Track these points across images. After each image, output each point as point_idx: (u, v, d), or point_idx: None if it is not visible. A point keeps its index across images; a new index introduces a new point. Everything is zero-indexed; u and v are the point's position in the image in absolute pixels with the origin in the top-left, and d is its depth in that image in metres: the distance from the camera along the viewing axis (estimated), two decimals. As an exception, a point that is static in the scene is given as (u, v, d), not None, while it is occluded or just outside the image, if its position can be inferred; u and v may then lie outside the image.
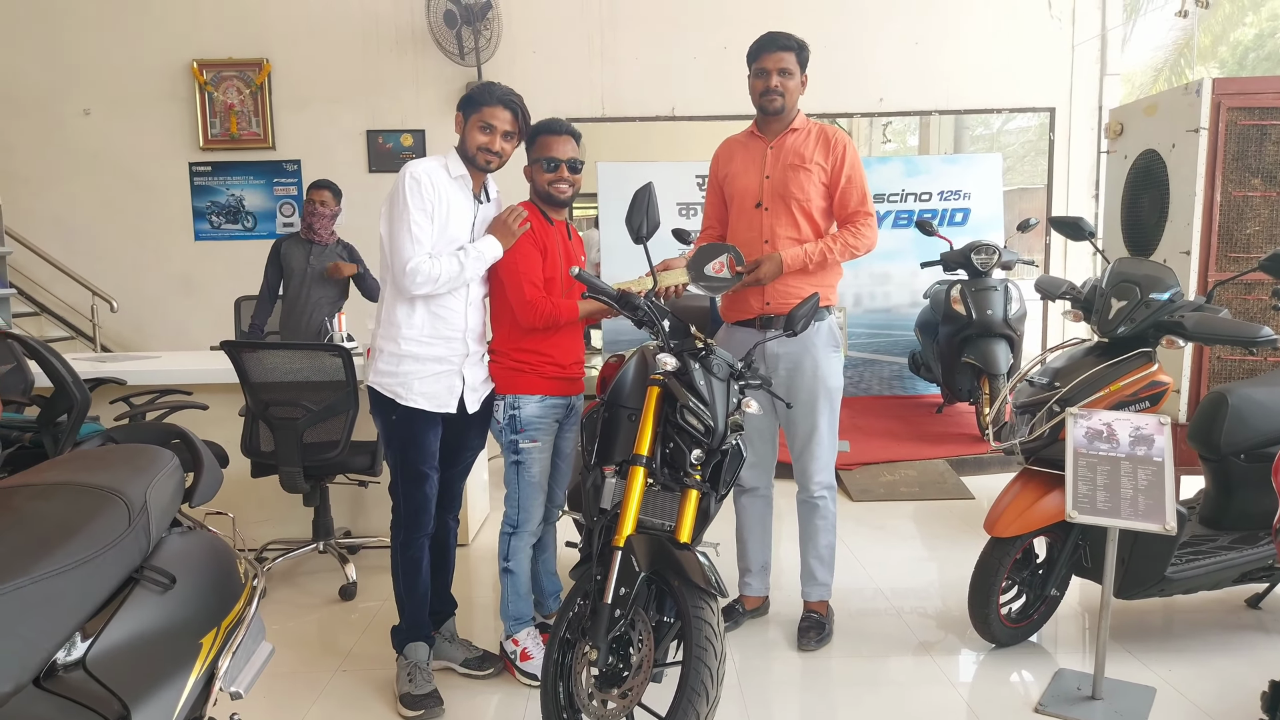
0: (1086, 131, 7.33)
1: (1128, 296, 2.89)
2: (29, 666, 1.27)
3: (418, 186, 2.63)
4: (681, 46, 7.11)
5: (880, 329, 7.03)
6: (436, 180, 2.68)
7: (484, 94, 2.74)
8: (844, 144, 3.03)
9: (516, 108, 2.77)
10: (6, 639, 1.23)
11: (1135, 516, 2.52)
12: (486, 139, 2.72)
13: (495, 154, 2.75)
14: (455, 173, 2.75)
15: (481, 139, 2.72)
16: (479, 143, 2.72)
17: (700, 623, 2.15)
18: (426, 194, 2.64)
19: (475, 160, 2.75)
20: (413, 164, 2.68)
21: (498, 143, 2.74)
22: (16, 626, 1.25)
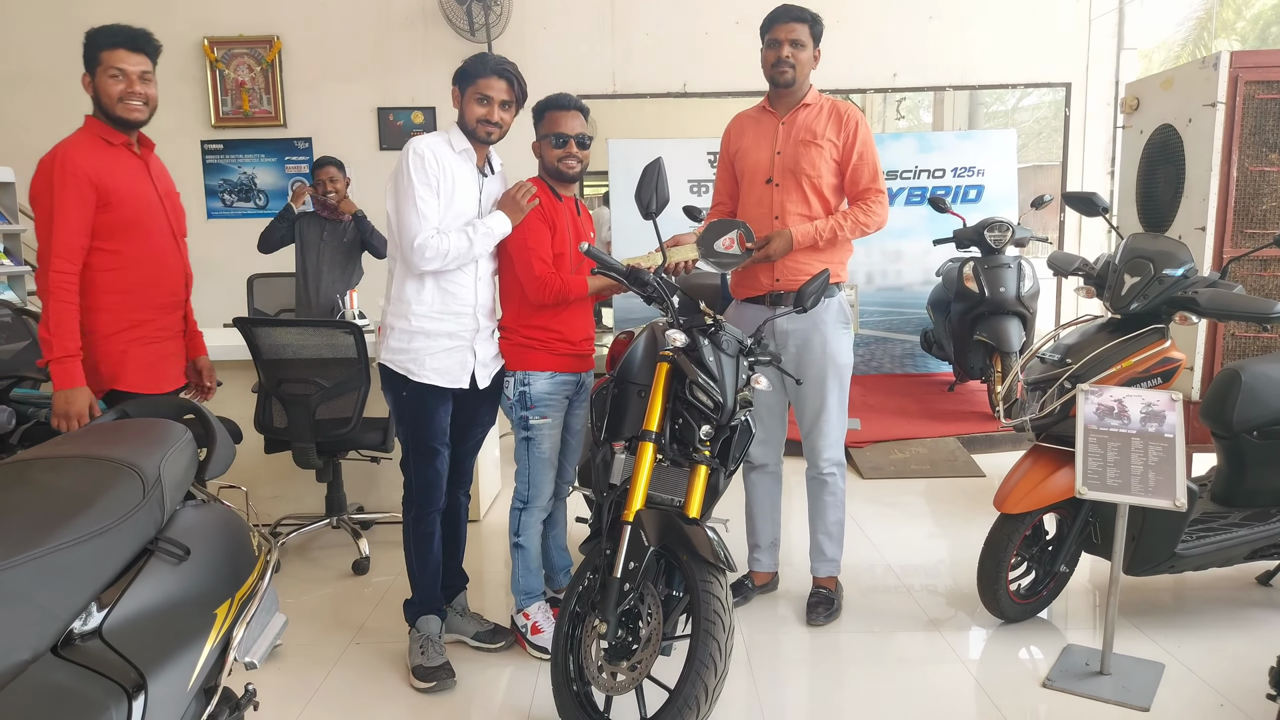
0: (1103, 107, 7.25)
1: (1141, 272, 2.87)
2: (46, 635, 1.29)
3: (421, 162, 2.63)
4: (693, 22, 7.06)
5: (892, 306, 7.00)
6: (440, 155, 2.68)
7: (478, 66, 2.72)
8: (856, 120, 3.01)
9: (512, 76, 2.75)
10: (24, 608, 1.25)
11: (1145, 493, 2.51)
12: (484, 110, 2.71)
13: (495, 125, 2.74)
14: (459, 147, 2.75)
15: (479, 111, 2.71)
16: (477, 115, 2.71)
17: (708, 596, 2.17)
18: (430, 169, 2.64)
19: (475, 133, 2.74)
20: (415, 140, 2.69)
21: (496, 113, 2.72)
22: (34, 595, 1.27)
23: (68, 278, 2.56)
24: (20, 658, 1.24)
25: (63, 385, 2.56)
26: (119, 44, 2.68)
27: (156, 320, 2.79)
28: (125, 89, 2.66)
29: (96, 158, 2.66)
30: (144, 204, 2.74)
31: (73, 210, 2.58)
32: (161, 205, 2.80)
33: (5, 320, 3.87)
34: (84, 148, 2.67)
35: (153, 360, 2.78)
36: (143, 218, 2.73)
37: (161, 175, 2.88)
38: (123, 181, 2.69)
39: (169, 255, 2.82)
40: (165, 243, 2.81)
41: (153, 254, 2.76)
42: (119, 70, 2.66)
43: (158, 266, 2.78)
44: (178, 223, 2.89)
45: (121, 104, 2.67)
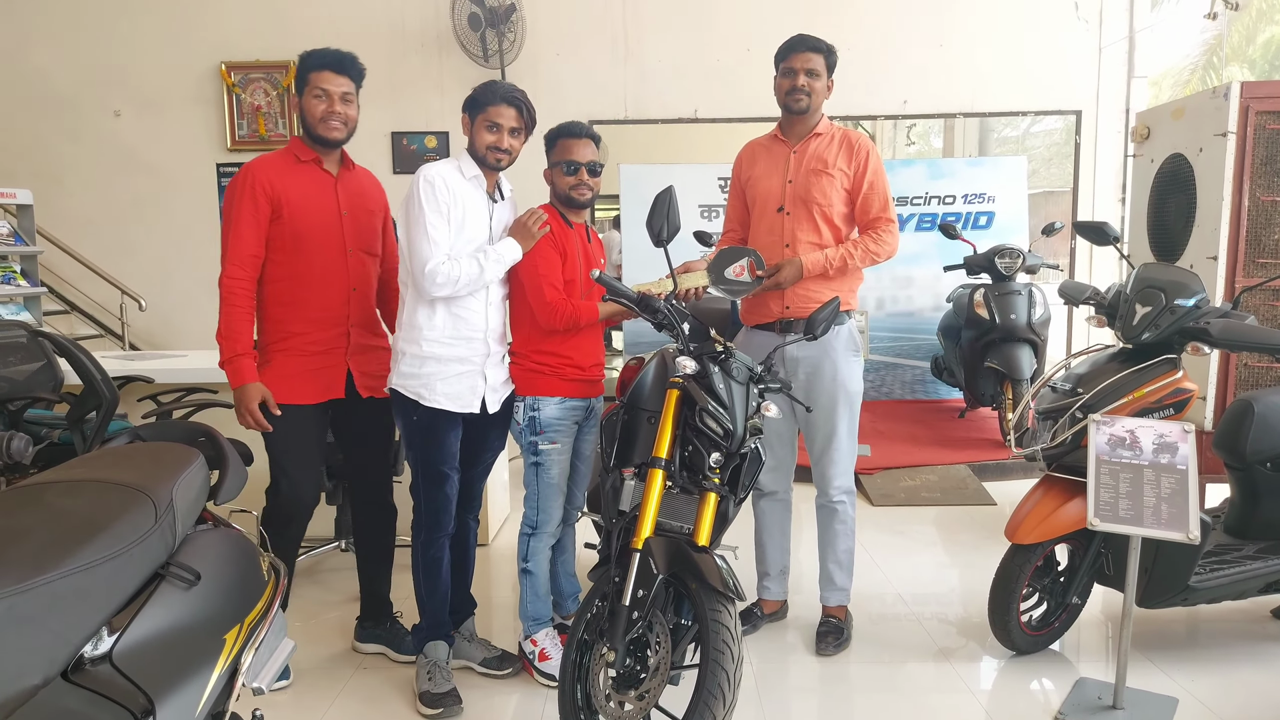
0: (1113, 135, 7.27)
1: (1152, 302, 2.86)
2: (57, 660, 1.30)
3: (432, 189, 2.66)
4: (704, 49, 7.12)
5: (902, 332, 6.99)
6: (451, 182, 2.70)
7: (488, 94, 2.76)
8: (867, 150, 3.03)
9: (521, 104, 2.79)
10: (36, 632, 1.25)
11: (1158, 525, 2.49)
12: (494, 138, 2.75)
13: (504, 151, 2.77)
14: (469, 174, 2.78)
15: (489, 138, 2.75)
16: (487, 142, 2.75)
17: (718, 626, 2.16)
18: (441, 196, 2.67)
19: (485, 160, 2.77)
20: (426, 167, 2.72)
21: (506, 140, 2.76)
22: (45, 620, 1.27)
23: (238, 283, 2.75)
24: (31, 682, 1.24)
25: (234, 384, 2.78)
26: (326, 66, 2.82)
27: (309, 334, 2.85)
28: (326, 109, 2.80)
29: (279, 172, 2.81)
30: (316, 220, 2.83)
31: (246, 220, 2.75)
32: (339, 222, 2.86)
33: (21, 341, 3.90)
34: (269, 162, 2.83)
35: (294, 373, 2.84)
36: (312, 233, 2.82)
37: (355, 194, 2.94)
38: (299, 197, 2.81)
39: (333, 272, 2.86)
40: (332, 259, 2.85)
41: (315, 269, 2.83)
42: (323, 90, 2.80)
43: (318, 282, 2.84)
44: (360, 240, 2.93)
45: (322, 123, 2.81)
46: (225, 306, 2.76)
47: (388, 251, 3.08)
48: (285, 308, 2.84)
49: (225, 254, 2.77)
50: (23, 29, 7.11)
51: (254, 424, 2.78)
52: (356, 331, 2.94)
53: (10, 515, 1.40)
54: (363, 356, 2.96)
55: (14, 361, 3.82)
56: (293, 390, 2.84)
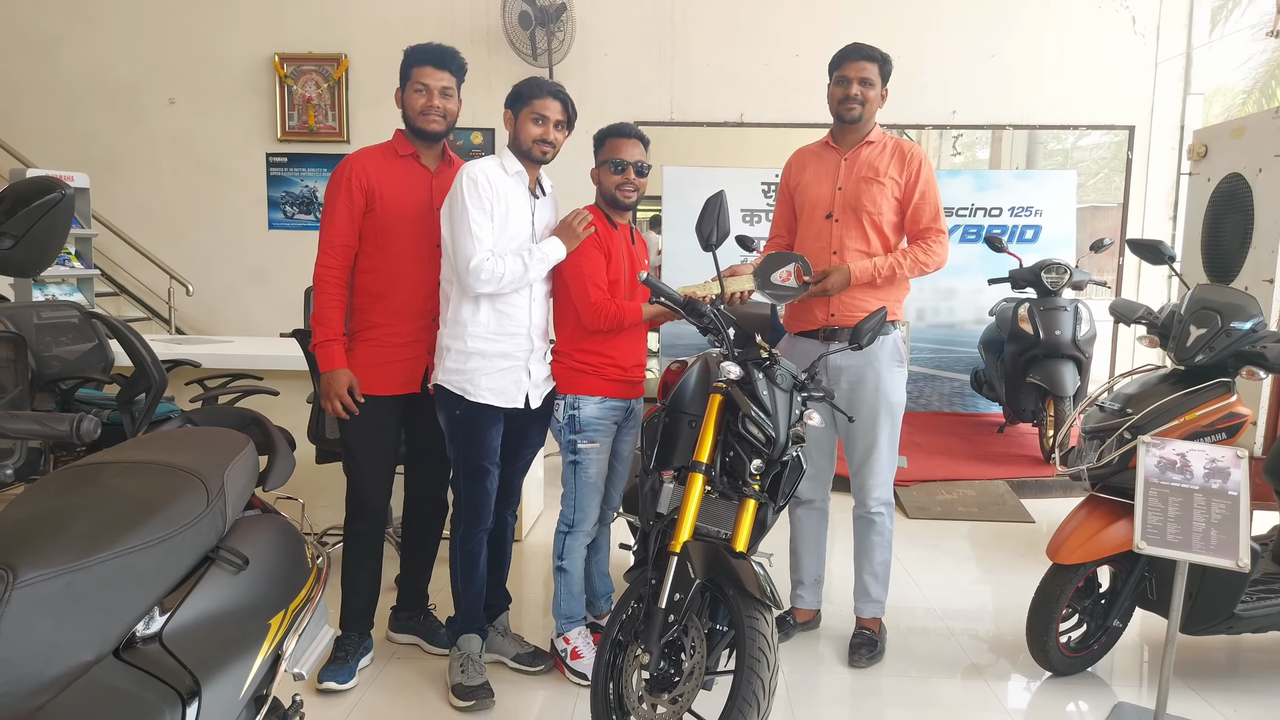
0: (1166, 151, 7.14)
1: (1207, 324, 2.81)
2: (110, 637, 1.32)
3: (475, 186, 2.67)
4: (753, 53, 7.10)
5: (943, 344, 6.92)
6: (494, 179, 2.72)
7: (533, 88, 2.81)
8: (920, 159, 3.00)
9: (565, 98, 2.83)
10: (91, 610, 1.28)
11: (1207, 551, 2.44)
12: (540, 130, 2.77)
13: (550, 144, 2.80)
14: (511, 170, 2.80)
15: (536, 131, 2.77)
16: (534, 135, 2.77)
17: (754, 634, 2.15)
18: (485, 193, 2.68)
19: (531, 153, 2.78)
20: (469, 165, 2.74)
21: (551, 133, 2.79)
22: (101, 598, 1.29)
23: (328, 270, 2.82)
24: (85, 658, 1.27)
25: (323, 368, 2.83)
26: (427, 61, 2.84)
27: (391, 325, 2.88)
28: (426, 103, 2.82)
29: (376, 165, 2.86)
30: (408, 214, 2.86)
31: (340, 210, 2.81)
32: (431, 217, 2.86)
33: (73, 322, 4.00)
34: (368, 155, 2.89)
35: (375, 363, 2.87)
36: (402, 226, 2.85)
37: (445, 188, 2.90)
38: (393, 190, 2.84)
39: (419, 266, 2.87)
40: (420, 253, 2.87)
41: (401, 262, 2.86)
42: (423, 85, 2.82)
43: (404, 275, 2.87)
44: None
45: (422, 116, 2.84)
46: (316, 294, 2.84)
47: None
48: (372, 299, 2.88)
49: (320, 243, 2.84)
50: (84, 19, 7.27)
51: (338, 409, 2.82)
52: (438, 325, 2.93)
53: (69, 494, 1.43)
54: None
55: (66, 341, 3.92)
56: (372, 381, 2.86)
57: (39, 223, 1.38)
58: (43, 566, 1.21)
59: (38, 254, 1.48)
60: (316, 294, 2.84)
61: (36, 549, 1.24)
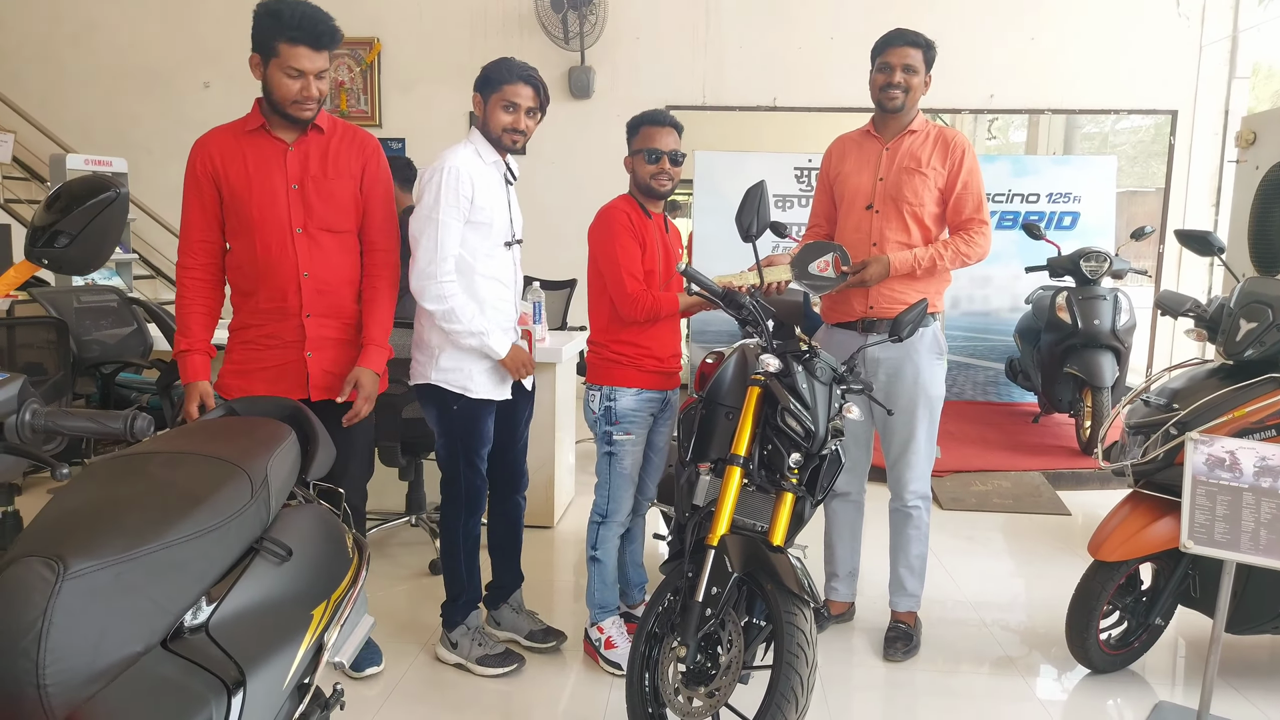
0: (1210, 136, 6.99)
1: (1258, 318, 2.74)
2: (158, 628, 1.33)
3: (455, 183, 2.60)
4: (786, 36, 7.02)
5: (978, 332, 6.84)
6: (474, 173, 2.65)
7: (503, 71, 2.64)
8: (963, 148, 2.94)
9: (537, 84, 2.70)
10: (139, 601, 1.29)
11: (1256, 551, 2.39)
12: (511, 118, 2.65)
13: (521, 133, 2.68)
14: (488, 159, 2.72)
15: (506, 119, 2.65)
16: (504, 123, 2.65)
17: (793, 629, 2.13)
18: (464, 191, 2.61)
19: (500, 141, 2.68)
20: (449, 155, 2.64)
21: (522, 120, 2.67)
22: (149, 589, 1.30)
23: (185, 271, 2.57)
24: (134, 649, 1.27)
25: (182, 380, 2.59)
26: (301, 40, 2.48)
27: (261, 326, 2.59)
28: (302, 90, 2.47)
29: (222, 146, 2.54)
30: (259, 197, 2.51)
31: (190, 202, 2.56)
32: (285, 198, 2.51)
33: (112, 306, 4.05)
34: (216, 135, 2.58)
35: (248, 368, 2.60)
36: (253, 212, 2.51)
37: (316, 161, 2.56)
38: (239, 171, 2.52)
39: (277, 256, 2.53)
40: (275, 241, 2.52)
41: (259, 253, 2.53)
42: (297, 70, 2.47)
43: (264, 268, 2.54)
44: (314, 217, 2.55)
45: (294, 105, 2.50)
46: (176, 300, 2.61)
47: (373, 225, 2.67)
48: (241, 297, 2.62)
49: (179, 241, 2.62)
50: (119, 4, 7.32)
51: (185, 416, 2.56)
52: (315, 323, 2.59)
53: (117, 485, 1.44)
54: (325, 353, 2.62)
55: (106, 325, 3.97)
56: (248, 387, 2.57)
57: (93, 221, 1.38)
58: (92, 558, 1.22)
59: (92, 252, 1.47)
60: (176, 300, 2.60)
61: (86, 540, 1.24)
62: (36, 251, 1.41)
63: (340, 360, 2.64)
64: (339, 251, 2.61)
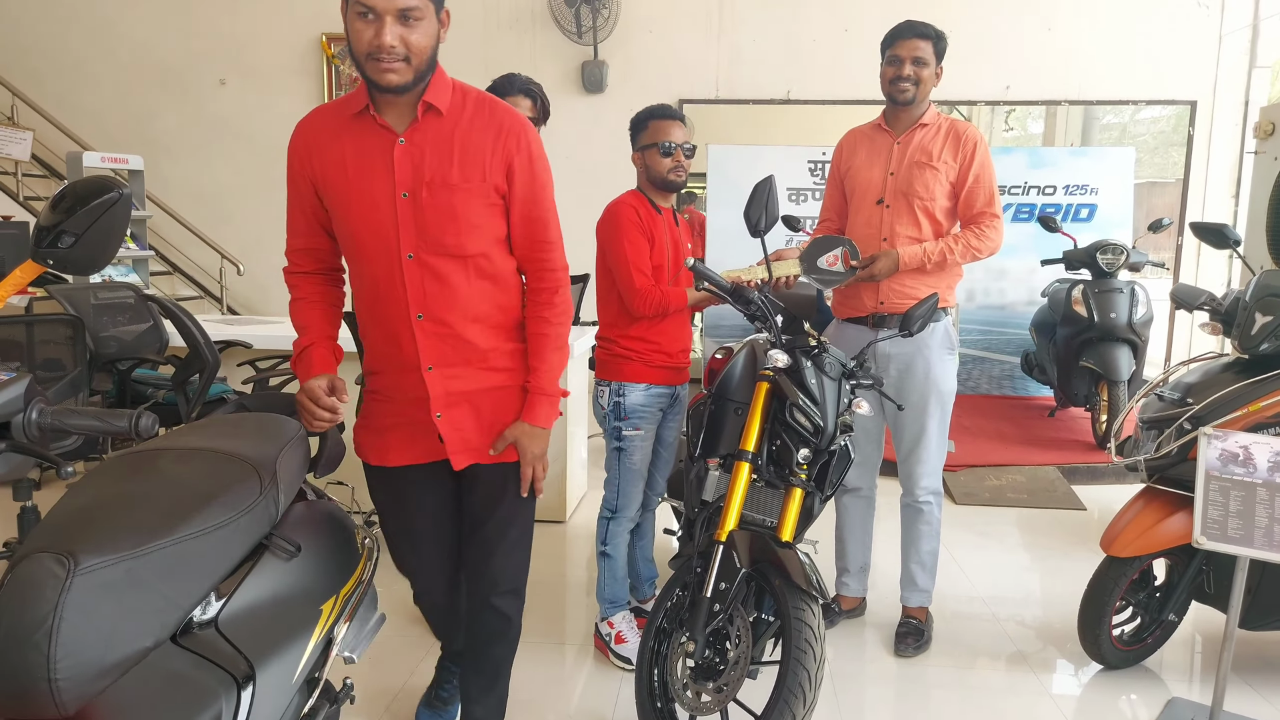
0: (1230, 127, 6.91)
1: (1274, 311, 2.71)
2: (168, 623, 1.35)
3: None
4: (800, 29, 6.99)
5: (993, 326, 6.80)
6: None
7: (505, 85, 2.79)
8: (974, 141, 2.92)
9: (536, 96, 2.82)
10: (150, 596, 1.30)
11: (1270, 547, 2.37)
12: None
13: None
14: None
15: None
16: None
17: (801, 624, 2.13)
18: None
19: None
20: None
21: None
22: (159, 584, 1.32)
23: (291, 277, 2.13)
24: (144, 644, 1.29)
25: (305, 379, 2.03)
26: None
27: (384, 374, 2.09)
28: (374, 38, 1.78)
29: (320, 135, 1.96)
30: (360, 208, 1.93)
31: (291, 203, 2.06)
32: (393, 211, 1.90)
33: (129, 303, 4.08)
34: (316, 119, 1.99)
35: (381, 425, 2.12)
36: (356, 228, 1.95)
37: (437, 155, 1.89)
38: (339, 171, 1.93)
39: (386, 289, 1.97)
40: (383, 269, 1.95)
41: (367, 283, 2.00)
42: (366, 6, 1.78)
43: (374, 302, 2.01)
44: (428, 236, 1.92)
45: (370, 61, 1.80)
46: (290, 310, 2.17)
47: (530, 238, 2.02)
48: (364, 332, 2.09)
49: None
50: (137, 1, 7.37)
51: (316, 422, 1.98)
52: (439, 378, 2.00)
53: (128, 481, 1.45)
54: (458, 412, 2.03)
55: (123, 321, 4.00)
56: (382, 448, 2.09)
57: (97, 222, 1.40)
58: (103, 553, 1.24)
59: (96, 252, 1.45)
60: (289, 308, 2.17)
61: (97, 536, 1.26)
62: (41, 252, 1.43)
63: (485, 418, 2.04)
64: (467, 281, 1.96)
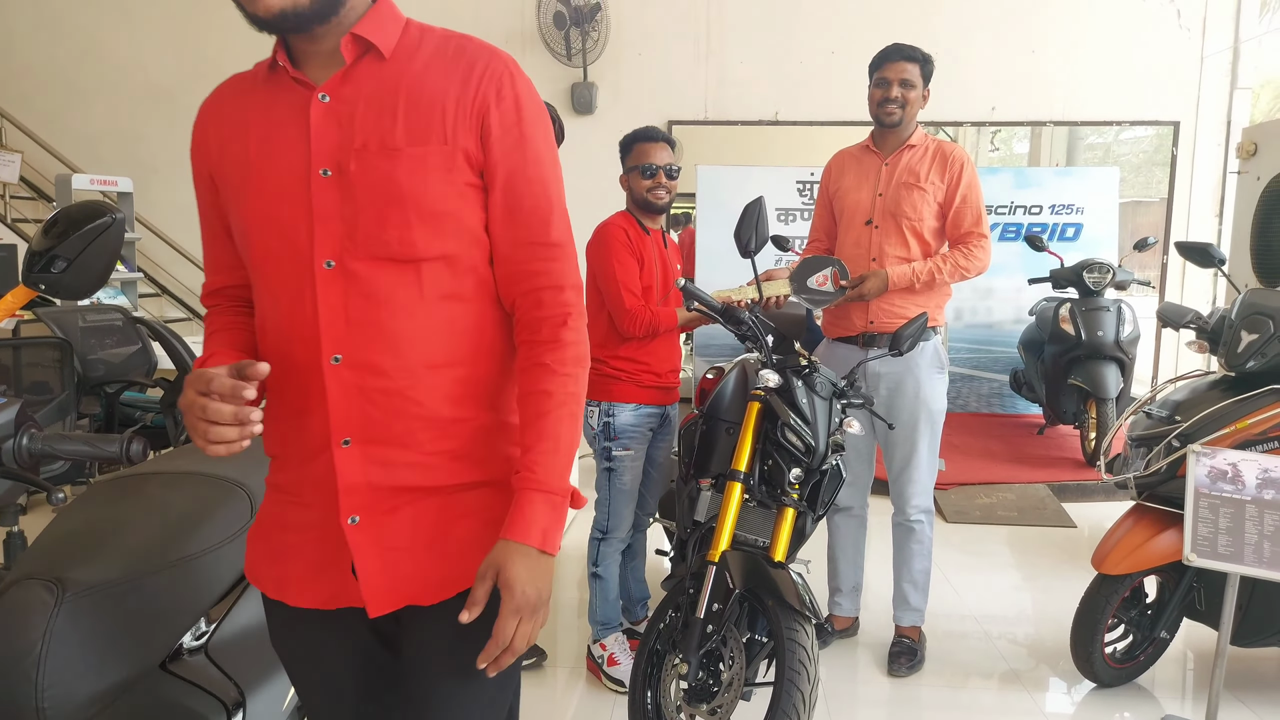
0: (1213, 148, 6.99)
1: (1259, 330, 2.73)
2: (158, 650, 1.34)
3: None
4: (788, 51, 7.05)
5: (981, 344, 6.83)
6: None
7: None
8: (961, 162, 2.96)
9: (555, 119, 2.84)
10: (139, 622, 1.29)
11: (1260, 564, 2.38)
12: None
13: None
14: None
15: None
16: None
17: (794, 645, 2.13)
18: None
19: None
20: None
21: None
22: (147, 612, 1.31)
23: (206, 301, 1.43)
24: (133, 671, 1.28)
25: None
26: None
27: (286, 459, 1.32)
28: None
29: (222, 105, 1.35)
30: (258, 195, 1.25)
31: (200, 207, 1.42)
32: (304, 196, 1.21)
33: (117, 325, 4.07)
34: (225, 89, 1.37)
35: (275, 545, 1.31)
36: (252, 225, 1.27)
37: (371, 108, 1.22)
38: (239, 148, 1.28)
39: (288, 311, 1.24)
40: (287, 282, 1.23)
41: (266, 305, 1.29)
42: None
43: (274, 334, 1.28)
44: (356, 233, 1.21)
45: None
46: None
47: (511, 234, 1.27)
48: (268, 394, 1.29)
49: None
50: (126, 22, 7.38)
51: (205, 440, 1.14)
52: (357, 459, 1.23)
53: (116, 506, 1.45)
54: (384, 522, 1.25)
55: (111, 344, 3.98)
56: (279, 577, 1.30)
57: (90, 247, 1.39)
58: (92, 580, 1.23)
59: (89, 277, 1.39)
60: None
61: (85, 563, 1.25)
62: (34, 276, 1.43)
63: (440, 540, 1.27)
64: (418, 302, 1.23)
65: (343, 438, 1.22)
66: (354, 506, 1.23)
